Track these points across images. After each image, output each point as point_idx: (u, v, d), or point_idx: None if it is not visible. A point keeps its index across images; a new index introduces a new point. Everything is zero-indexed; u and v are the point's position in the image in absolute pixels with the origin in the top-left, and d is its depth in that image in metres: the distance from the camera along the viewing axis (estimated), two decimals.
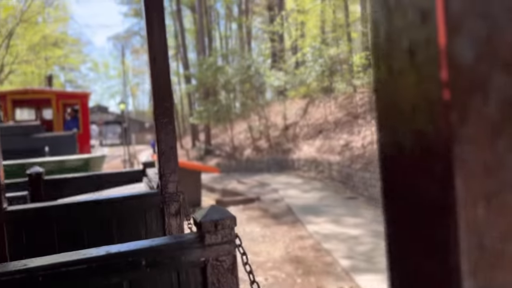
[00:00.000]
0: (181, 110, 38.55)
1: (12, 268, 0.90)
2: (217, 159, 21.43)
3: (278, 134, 18.01)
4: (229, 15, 32.06)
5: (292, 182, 11.91)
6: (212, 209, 1.06)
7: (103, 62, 62.76)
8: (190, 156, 25.35)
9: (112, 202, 1.79)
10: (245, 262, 1.12)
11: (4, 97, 9.24)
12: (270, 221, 7.45)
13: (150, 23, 1.72)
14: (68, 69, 41.52)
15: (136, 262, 0.95)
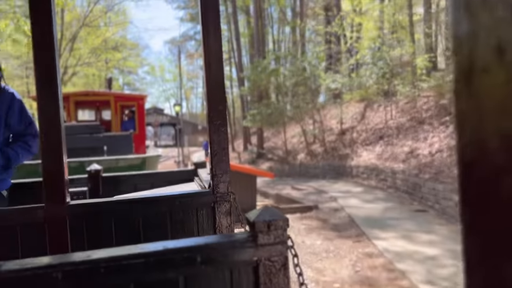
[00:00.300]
0: (232, 113, 39.05)
1: (76, 259, 0.95)
2: (269, 163, 21.03)
3: (333, 139, 17.24)
4: (282, 18, 31.88)
5: (351, 191, 11.20)
6: (265, 209, 1.07)
7: (159, 66, 64.99)
8: (242, 159, 25.13)
9: (167, 199, 1.85)
10: (296, 263, 1.12)
11: (68, 98, 9.82)
12: (332, 233, 6.90)
13: (206, 28, 1.77)
14: (126, 72, 43.10)
15: (191, 258, 0.98)
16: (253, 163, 22.18)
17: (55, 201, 1.61)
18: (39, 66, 1.60)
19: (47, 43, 1.58)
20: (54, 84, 1.60)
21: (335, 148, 16.36)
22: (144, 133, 10.51)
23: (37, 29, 1.59)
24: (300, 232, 7.00)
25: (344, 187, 11.97)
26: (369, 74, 14.99)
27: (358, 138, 15.39)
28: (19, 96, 2.66)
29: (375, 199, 9.63)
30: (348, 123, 17.42)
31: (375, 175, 11.91)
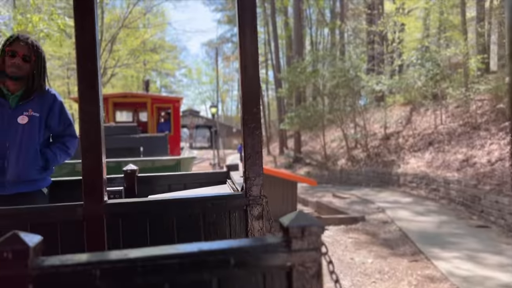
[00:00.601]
0: (267, 116, 39.00)
1: (114, 257, 0.98)
2: (307, 168, 20.22)
3: (377, 144, 16.35)
4: (321, 20, 31.47)
5: (399, 201, 10.39)
6: (300, 214, 1.06)
7: (196, 69, 66.00)
8: (278, 163, 24.45)
9: (200, 201, 1.88)
10: (332, 270, 1.11)
11: (106, 100, 10.14)
12: (384, 250, 6.24)
13: (243, 30, 1.78)
14: (164, 74, 43.84)
15: (225, 260, 0.99)
16: (290, 167, 21.37)
17: (94, 200, 1.66)
18: (81, 69, 1.66)
19: (90, 48, 1.64)
20: (95, 86, 1.66)
21: (379, 154, 15.49)
22: (179, 135, 10.69)
23: (81, 34, 1.65)
24: (348, 248, 6.44)
25: (391, 197, 11.14)
26: (418, 75, 14.08)
27: (405, 143, 14.56)
28: (60, 98, 2.76)
29: (427, 212, 8.80)
30: (392, 128, 16.50)
31: (425, 185, 11.07)
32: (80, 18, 1.64)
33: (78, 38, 1.66)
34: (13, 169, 2.49)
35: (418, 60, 14.27)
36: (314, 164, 20.49)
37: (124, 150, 6.11)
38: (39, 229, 1.65)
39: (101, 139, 1.66)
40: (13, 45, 2.53)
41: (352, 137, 17.72)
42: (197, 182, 2.96)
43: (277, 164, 24.69)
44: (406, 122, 15.97)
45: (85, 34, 1.65)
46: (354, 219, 8.28)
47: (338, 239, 7.00)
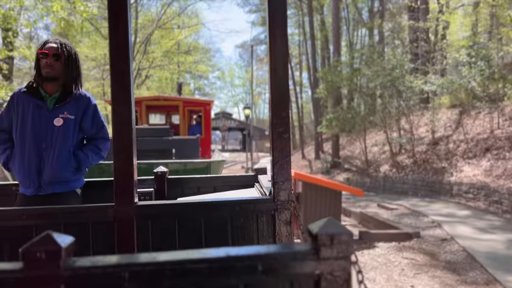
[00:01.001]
0: (299, 119, 38.53)
1: (143, 260, 0.98)
2: (346, 174, 19.03)
3: (424, 149, 14.98)
4: (358, 20, 30.58)
5: (455, 214, 9.22)
6: (329, 222, 1.04)
7: (229, 71, 66.41)
8: (314, 169, 23.43)
9: (229, 204, 1.88)
10: (360, 280, 1.08)
11: (140, 103, 10.40)
12: (449, 276, 5.29)
13: (273, 33, 1.77)
14: (198, 76, 44.17)
15: (252, 266, 0.98)
16: (327, 173, 20.28)
17: (124, 201, 1.69)
18: (114, 71, 1.69)
19: (123, 50, 1.67)
20: (127, 88, 1.69)
21: (427, 161, 14.13)
22: (210, 138, 10.81)
23: (114, 36, 1.68)
24: (405, 271, 5.51)
25: (445, 209, 9.91)
26: (473, 74, 12.68)
27: (456, 149, 13.25)
28: (94, 101, 2.83)
29: (492, 227, 7.70)
30: (440, 132, 15.12)
31: (484, 196, 9.90)
32: (114, 20, 1.68)
33: (112, 40, 1.69)
34: (48, 169, 2.57)
35: (472, 58, 12.92)
36: (354, 170, 19.18)
37: (156, 151, 6.23)
38: (71, 229, 1.70)
39: (132, 141, 1.69)
40: (44, 48, 2.62)
41: (397, 141, 16.34)
42: (226, 185, 2.97)
43: (313, 169, 23.61)
44: (456, 126, 14.66)
45: (119, 36, 1.68)
46: (408, 235, 7.23)
47: (391, 259, 6.12)
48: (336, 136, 21.70)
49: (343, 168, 20.20)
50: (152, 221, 1.80)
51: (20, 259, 0.92)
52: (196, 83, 48.44)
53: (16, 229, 1.79)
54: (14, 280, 0.92)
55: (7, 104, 2.73)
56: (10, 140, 2.69)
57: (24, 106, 2.63)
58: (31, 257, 0.92)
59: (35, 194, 2.58)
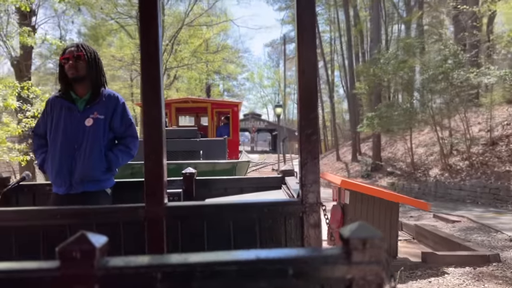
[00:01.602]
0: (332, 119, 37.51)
1: (175, 261, 0.99)
2: (389, 178, 17.25)
3: (480, 151, 13.40)
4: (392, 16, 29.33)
5: None
6: (361, 225, 1.02)
7: (258, 72, 66.32)
8: (351, 171, 21.57)
9: (257, 206, 1.88)
10: (393, 286, 1.05)
11: (169, 105, 10.64)
12: None
13: (301, 33, 1.76)
14: (226, 77, 44.16)
15: (283, 270, 0.97)
16: (368, 177, 18.56)
17: (155, 202, 1.71)
18: (145, 75, 1.72)
19: (153, 55, 1.70)
20: (157, 92, 1.72)
21: (486, 163, 12.54)
22: (237, 139, 10.91)
23: (145, 43, 1.71)
24: None
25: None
26: None
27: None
28: (122, 100, 2.90)
29: None
30: (497, 131, 13.54)
31: None
32: (145, 27, 1.71)
33: (143, 45, 1.72)
34: (80, 169, 2.64)
35: None
36: (398, 173, 17.19)
37: (185, 152, 6.34)
38: (103, 229, 1.73)
39: (162, 142, 1.71)
40: (65, 53, 2.72)
41: (449, 141, 14.54)
42: (252, 187, 2.97)
43: (350, 172, 21.80)
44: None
45: (150, 42, 1.71)
46: (484, 258, 5.65)
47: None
48: (378, 136, 19.61)
49: (385, 172, 18.21)
50: (181, 222, 1.82)
51: (57, 257, 0.94)
52: (225, 84, 48.51)
53: (51, 228, 1.84)
54: (51, 279, 0.95)
55: (42, 111, 2.86)
56: (47, 144, 2.80)
57: (57, 110, 2.73)
58: (67, 256, 0.94)
59: (66, 193, 2.65)
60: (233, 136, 10.46)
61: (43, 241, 1.85)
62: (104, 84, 2.83)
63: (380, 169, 18.95)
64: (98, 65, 2.79)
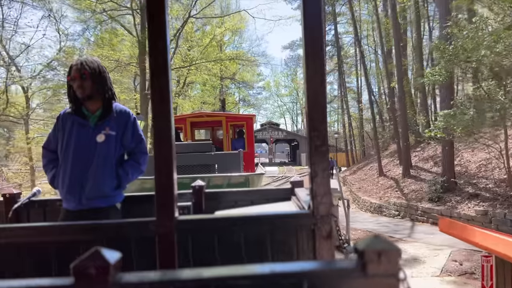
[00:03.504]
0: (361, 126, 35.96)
1: (189, 276, 0.99)
2: (473, 203, 11.59)
3: None
4: None
5: None
6: (375, 238, 1.02)
7: (274, 81, 65.27)
8: (407, 191, 16.09)
9: (268, 218, 1.87)
10: None
11: (184, 120, 10.79)
12: None
13: (308, 42, 1.76)
14: (242, 86, 43.11)
15: (298, 284, 0.97)
16: (439, 200, 13.22)
17: (165, 216, 1.71)
18: (155, 90, 1.74)
19: (162, 71, 1.72)
20: (166, 105, 1.73)
21: None
22: (253, 152, 11.00)
23: (154, 58, 1.73)
24: None
25: None
26: None
27: None
28: (133, 115, 2.92)
29: None
30: None
31: None
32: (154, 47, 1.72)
33: (152, 64, 1.74)
34: (91, 185, 2.66)
35: None
36: (487, 196, 11.43)
37: (199, 166, 6.42)
38: (114, 244, 1.74)
39: (172, 155, 1.72)
40: (71, 73, 2.74)
41: None
42: (262, 198, 2.97)
43: (405, 191, 16.26)
44: None
45: (158, 53, 1.72)
46: None
47: None
48: (450, 143, 13.97)
49: (464, 193, 12.60)
50: (192, 236, 1.82)
51: (71, 274, 0.95)
52: (241, 93, 47.70)
53: (62, 244, 1.85)
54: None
55: (53, 126, 2.88)
56: (57, 159, 2.82)
57: (69, 126, 2.75)
58: (82, 273, 0.94)
59: (77, 209, 2.66)
60: (249, 149, 10.54)
61: (55, 257, 1.85)
62: (114, 97, 2.86)
63: (454, 189, 13.31)
64: (105, 79, 2.82)
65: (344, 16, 40.26)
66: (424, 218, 13.48)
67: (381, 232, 11.54)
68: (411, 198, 15.27)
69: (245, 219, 1.87)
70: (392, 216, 15.50)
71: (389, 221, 14.48)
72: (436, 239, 9.93)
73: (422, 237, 10.66)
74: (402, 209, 15.08)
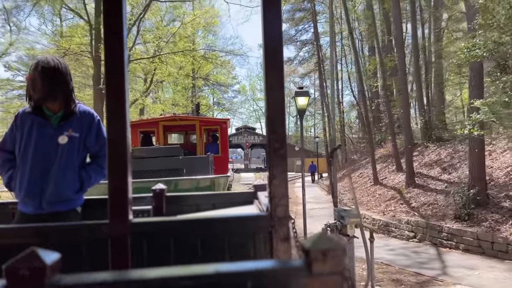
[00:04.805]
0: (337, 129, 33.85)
1: (130, 277, 0.96)
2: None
3: None
4: None
5: None
6: (322, 236, 1.01)
7: (250, 84, 64.08)
8: (417, 205, 12.95)
9: (225, 221, 1.85)
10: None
11: (157, 123, 10.59)
12: None
13: (268, 47, 1.76)
14: (217, 88, 41.70)
15: (242, 283, 0.95)
16: (469, 219, 10.10)
17: (119, 218, 1.67)
18: (110, 88, 1.69)
19: (118, 70, 1.68)
20: (122, 104, 1.68)
21: None
22: (227, 156, 10.91)
23: (110, 57, 1.69)
24: None
25: None
26: None
27: None
28: (98, 117, 2.83)
29: None
30: None
31: None
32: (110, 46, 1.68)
33: (108, 64, 1.69)
34: (52, 189, 2.56)
35: None
36: None
37: (167, 171, 6.34)
38: (64, 247, 1.67)
39: (127, 157, 1.67)
40: (35, 71, 2.60)
41: None
42: (225, 202, 2.94)
43: (415, 206, 13.03)
44: None
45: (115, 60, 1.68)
46: None
47: None
48: (480, 143, 11.00)
49: (503, 209, 9.75)
50: (147, 239, 1.77)
51: (3, 275, 0.90)
52: (216, 96, 46.63)
53: (12, 248, 1.76)
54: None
55: (10, 125, 2.74)
56: (14, 160, 2.69)
57: (28, 125, 2.63)
58: (15, 274, 0.89)
59: (35, 213, 2.56)
60: (223, 154, 10.46)
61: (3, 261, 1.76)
62: (74, 98, 2.76)
63: (486, 204, 10.29)
64: (67, 79, 2.73)
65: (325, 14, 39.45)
66: (452, 242, 10.12)
67: (403, 266, 8.70)
68: (427, 214, 11.95)
69: (201, 222, 1.84)
70: (406, 239, 11.95)
71: (404, 246, 11.12)
72: (485, 279, 7.08)
73: (464, 275, 7.59)
74: (419, 229, 11.57)
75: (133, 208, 1.94)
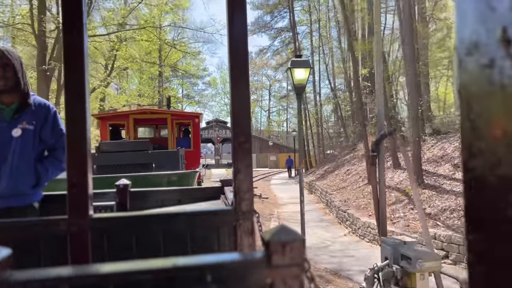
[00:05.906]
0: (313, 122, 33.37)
1: (85, 272, 0.93)
2: None
3: None
4: None
5: None
6: (282, 229, 1.02)
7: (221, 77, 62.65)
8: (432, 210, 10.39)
9: (188, 216, 1.83)
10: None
11: (127, 116, 10.30)
12: None
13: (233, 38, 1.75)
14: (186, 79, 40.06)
15: (201, 277, 0.95)
16: None
17: (78, 214, 1.62)
18: (69, 80, 1.64)
19: (77, 58, 1.63)
20: (81, 95, 1.64)
21: None
22: (198, 151, 10.76)
23: (69, 44, 1.63)
24: None
25: None
26: None
27: None
28: (54, 108, 2.74)
29: None
30: None
31: None
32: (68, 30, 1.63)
33: (66, 51, 1.64)
34: (6, 183, 2.46)
35: None
36: None
37: (136, 165, 6.21)
38: (21, 244, 1.61)
39: (86, 151, 1.63)
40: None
41: None
42: (191, 198, 2.91)
43: (431, 213, 10.34)
44: None
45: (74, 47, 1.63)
46: None
47: None
48: None
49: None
50: (107, 234, 1.73)
51: None
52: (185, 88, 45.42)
53: None
54: None
55: None
56: None
57: None
58: None
59: None
60: (194, 149, 10.32)
61: None
62: (29, 90, 2.66)
63: None
64: (23, 70, 2.63)
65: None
66: None
67: None
68: (454, 224, 9.24)
69: (163, 217, 1.82)
70: None
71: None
72: None
73: None
74: (453, 247, 8.77)
75: (95, 204, 1.90)
